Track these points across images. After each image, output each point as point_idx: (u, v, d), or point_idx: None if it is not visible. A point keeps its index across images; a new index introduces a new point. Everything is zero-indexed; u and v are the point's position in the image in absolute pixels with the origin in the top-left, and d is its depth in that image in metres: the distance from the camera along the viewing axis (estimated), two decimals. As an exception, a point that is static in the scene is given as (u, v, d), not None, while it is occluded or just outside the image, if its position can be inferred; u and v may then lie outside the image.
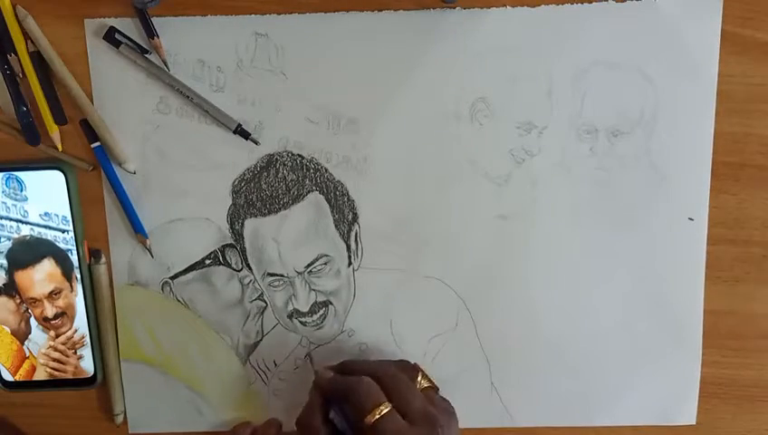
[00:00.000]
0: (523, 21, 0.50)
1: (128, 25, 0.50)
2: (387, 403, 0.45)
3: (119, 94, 0.51)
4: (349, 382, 0.47)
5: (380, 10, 0.50)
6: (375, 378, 0.47)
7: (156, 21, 0.50)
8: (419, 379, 0.50)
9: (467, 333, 0.54)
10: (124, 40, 0.50)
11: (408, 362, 0.52)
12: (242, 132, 0.51)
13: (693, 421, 0.55)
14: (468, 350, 0.54)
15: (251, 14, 0.50)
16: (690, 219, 0.52)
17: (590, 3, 0.49)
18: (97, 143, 0.52)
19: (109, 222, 0.53)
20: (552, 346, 0.54)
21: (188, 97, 0.51)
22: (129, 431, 0.57)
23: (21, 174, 0.52)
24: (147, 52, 0.50)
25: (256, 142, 0.51)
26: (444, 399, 0.50)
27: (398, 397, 0.46)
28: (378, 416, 0.44)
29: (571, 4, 0.49)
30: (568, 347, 0.54)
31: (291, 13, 0.50)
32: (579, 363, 0.54)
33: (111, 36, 0.50)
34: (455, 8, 0.50)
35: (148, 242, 0.53)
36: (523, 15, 0.50)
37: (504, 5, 0.50)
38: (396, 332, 0.54)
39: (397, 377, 0.48)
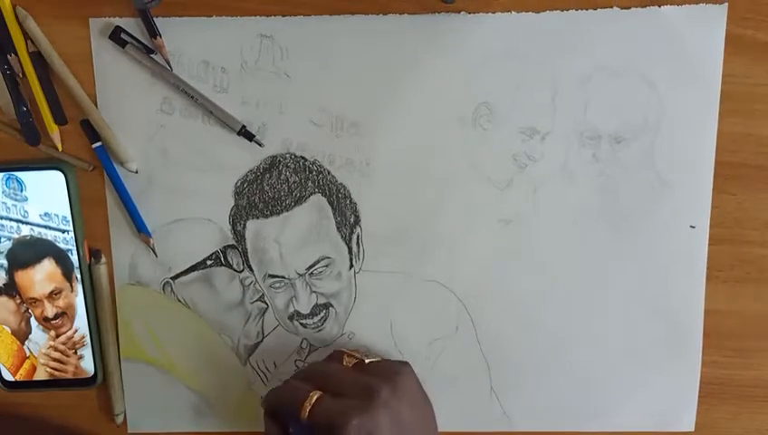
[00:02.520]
0: (527, 26, 0.50)
1: (131, 26, 0.50)
2: (315, 391, 0.45)
3: (123, 94, 0.51)
4: (276, 392, 0.47)
5: (385, 13, 0.50)
6: (300, 378, 0.47)
7: (160, 21, 0.50)
8: (345, 359, 0.50)
9: (468, 337, 0.54)
10: (130, 39, 0.50)
11: (333, 350, 0.52)
12: (246, 134, 0.51)
13: (692, 428, 0.55)
14: (468, 354, 0.54)
15: (256, 15, 0.50)
16: (692, 227, 0.52)
17: (595, 9, 0.49)
18: (98, 143, 0.51)
19: (111, 222, 0.53)
20: (552, 351, 0.54)
21: (193, 97, 0.50)
22: (129, 431, 0.57)
23: (21, 174, 0.52)
24: (152, 52, 0.50)
25: (261, 144, 0.51)
26: (382, 362, 0.50)
27: (324, 382, 0.46)
28: (309, 407, 0.44)
29: (576, 10, 0.49)
30: (569, 353, 0.54)
31: (295, 15, 0.50)
32: (579, 369, 0.54)
33: (117, 36, 0.50)
34: (459, 13, 0.50)
35: (151, 241, 0.53)
36: (526, 21, 0.50)
37: (509, 11, 0.49)
38: (396, 335, 0.54)
39: (317, 367, 0.49)
